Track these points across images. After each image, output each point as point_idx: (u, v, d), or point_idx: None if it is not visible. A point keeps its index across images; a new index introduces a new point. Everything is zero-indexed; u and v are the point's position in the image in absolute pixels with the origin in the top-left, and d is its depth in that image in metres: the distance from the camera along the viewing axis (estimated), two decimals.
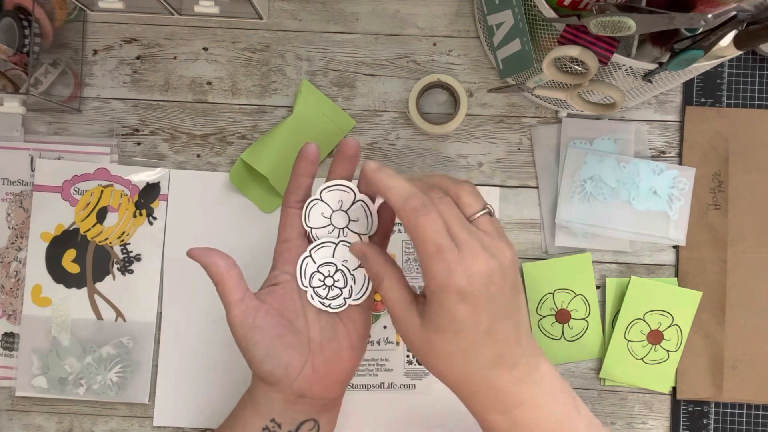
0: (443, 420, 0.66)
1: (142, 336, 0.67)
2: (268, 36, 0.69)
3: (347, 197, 0.52)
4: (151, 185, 0.68)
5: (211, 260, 0.50)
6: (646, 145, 0.68)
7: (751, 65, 0.68)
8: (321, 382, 0.51)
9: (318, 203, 0.51)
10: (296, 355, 0.51)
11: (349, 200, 0.52)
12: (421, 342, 0.45)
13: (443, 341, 0.44)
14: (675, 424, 0.67)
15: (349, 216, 0.52)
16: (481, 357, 0.44)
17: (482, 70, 0.69)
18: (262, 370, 0.50)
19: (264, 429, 0.52)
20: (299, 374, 0.51)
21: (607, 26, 0.48)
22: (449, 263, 0.42)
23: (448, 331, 0.44)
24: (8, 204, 0.68)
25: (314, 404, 0.52)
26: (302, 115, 0.67)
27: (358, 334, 0.52)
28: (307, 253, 0.52)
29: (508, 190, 0.68)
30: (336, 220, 0.52)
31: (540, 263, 0.67)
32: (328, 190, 0.51)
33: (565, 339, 0.67)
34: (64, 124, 0.69)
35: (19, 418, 0.68)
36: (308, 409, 0.52)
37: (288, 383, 0.51)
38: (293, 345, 0.51)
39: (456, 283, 0.42)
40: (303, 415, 0.52)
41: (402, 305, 0.46)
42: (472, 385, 0.45)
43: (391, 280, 0.47)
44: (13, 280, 0.68)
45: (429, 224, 0.43)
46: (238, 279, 0.50)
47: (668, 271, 0.68)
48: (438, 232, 0.43)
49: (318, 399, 0.52)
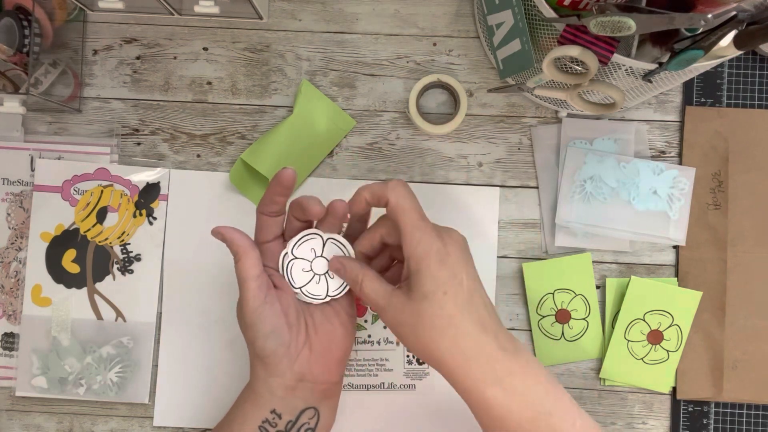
0: (443, 420, 0.66)
1: (142, 336, 0.67)
2: (268, 36, 0.69)
3: (317, 243, 0.55)
4: (151, 185, 0.68)
5: (235, 236, 0.53)
6: (646, 145, 0.68)
7: (751, 65, 0.68)
8: (319, 362, 0.54)
9: (295, 261, 0.55)
10: (297, 335, 0.53)
11: (320, 245, 0.55)
12: (411, 317, 0.48)
13: (432, 307, 0.47)
14: (675, 424, 0.67)
15: (327, 258, 0.55)
16: (468, 321, 0.47)
17: (482, 70, 0.69)
18: (266, 347, 0.52)
19: (264, 421, 0.53)
20: (299, 354, 0.53)
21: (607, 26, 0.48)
22: (427, 232, 0.49)
23: (437, 294, 0.47)
24: (8, 204, 0.68)
25: (314, 390, 0.54)
26: (302, 115, 0.67)
27: (347, 313, 0.56)
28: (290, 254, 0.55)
29: (508, 190, 0.68)
30: (316, 268, 0.55)
31: (540, 263, 0.67)
32: (297, 245, 0.55)
33: (565, 339, 0.67)
34: (64, 124, 0.69)
35: (19, 418, 0.68)
36: (308, 395, 0.54)
37: (289, 363, 0.52)
38: (294, 325, 0.53)
39: (436, 246, 0.48)
40: (303, 402, 0.54)
41: (385, 294, 0.50)
42: (465, 353, 0.47)
43: (370, 278, 0.51)
44: (13, 280, 0.68)
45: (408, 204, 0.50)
46: (257, 257, 0.52)
47: (668, 271, 0.68)
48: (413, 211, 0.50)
49: (318, 382, 0.54)
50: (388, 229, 0.54)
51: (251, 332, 0.52)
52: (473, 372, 0.47)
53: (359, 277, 0.52)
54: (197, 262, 0.68)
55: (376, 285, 0.51)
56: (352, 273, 0.52)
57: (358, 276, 0.52)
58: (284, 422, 0.53)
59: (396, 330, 0.50)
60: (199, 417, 0.67)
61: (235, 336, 0.67)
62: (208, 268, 0.67)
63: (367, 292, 0.51)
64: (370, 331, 0.67)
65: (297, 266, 0.55)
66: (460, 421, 0.66)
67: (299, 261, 0.55)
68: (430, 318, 0.47)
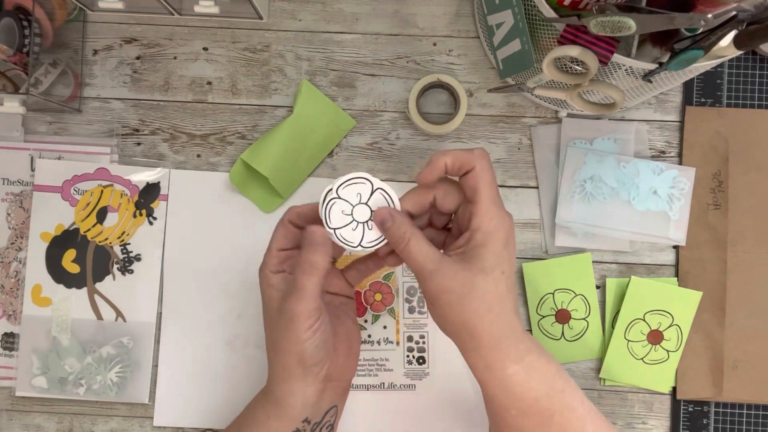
0: (443, 420, 0.66)
1: (142, 336, 0.67)
2: (268, 36, 0.69)
3: (365, 189, 0.51)
4: (151, 185, 0.68)
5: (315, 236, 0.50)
6: (646, 145, 0.68)
7: (751, 65, 0.68)
8: (344, 360, 0.54)
9: (336, 201, 0.50)
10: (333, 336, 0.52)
11: (368, 191, 0.51)
12: (462, 286, 0.46)
13: (488, 283, 0.47)
14: (675, 424, 0.67)
15: (371, 207, 0.51)
16: (510, 302, 0.48)
17: (482, 70, 0.69)
18: (315, 356, 0.50)
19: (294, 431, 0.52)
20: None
21: (607, 26, 0.48)
22: (502, 210, 0.48)
23: (495, 271, 0.47)
24: (8, 204, 0.68)
25: (337, 388, 0.55)
26: (302, 115, 0.67)
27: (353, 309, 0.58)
28: (334, 191, 0.51)
29: (508, 190, 0.68)
30: (357, 214, 0.51)
31: (540, 263, 0.67)
32: (343, 186, 0.51)
33: (565, 339, 0.67)
34: (64, 124, 0.69)
35: (19, 418, 0.67)
36: (332, 394, 0.54)
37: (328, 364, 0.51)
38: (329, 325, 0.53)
39: (506, 225, 0.48)
40: (328, 402, 0.54)
41: (435, 258, 0.47)
42: (501, 330, 0.48)
43: (418, 238, 0.48)
44: (13, 280, 0.68)
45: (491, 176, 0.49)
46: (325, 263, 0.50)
47: (668, 271, 0.68)
48: (493, 184, 0.49)
49: (342, 380, 0.55)
50: (448, 194, 0.50)
51: (300, 346, 0.49)
52: (501, 349, 0.48)
53: (407, 234, 0.48)
54: (197, 262, 0.68)
55: (425, 247, 0.48)
56: (400, 229, 0.48)
57: (405, 233, 0.48)
58: (311, 425, 0.52)
59: (438, 296, 0.47)
60: (199, 417, 0.67)
61: (234, 336, 0.67)
62: (208, 268, 0.68)
63: (413, 252, 0.48)
64: (370, 331, 0.67)
65: (337, 207, 0.50)
66: (459, 420, 0.66)
67: (341, 202, 0.51)
68: (482, 292, 0.46)
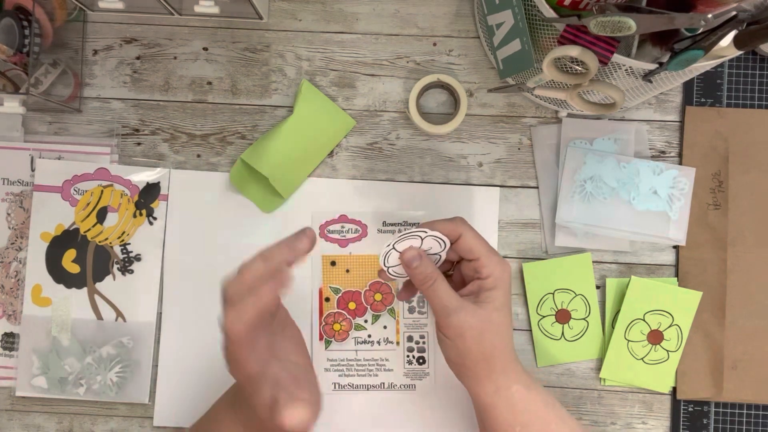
0: (443, 420, 0.66)
1: (142, 336, 0.67)
2: (268, 36, 0.69)
3: (416, 243, 0.57)
4: (151, 185, 0.68)
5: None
6: (646, 145, 0.68)
7: (751, 65, 0.68)
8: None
9: (392, 252, 0.57)
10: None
11: (417, 244, 0.57)
12: (481, 322, 0.55)
13: (501, 317, 0.56)
14: (675, 424, 0.67)
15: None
16: (511, 331, 0.57)
17: (482, 70, 0.69)
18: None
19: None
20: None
21: (607, 26, 0.48)
22: (499, 257, 0.57)
23: (506, 307, 0.56)
24: (8, 204, 0.68)
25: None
26: (302, 115, 0.67)
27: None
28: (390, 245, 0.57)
29: (508, 190, 0.68)
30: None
31: (540, 263, 0.67)
32: (399, 240, 0.56)
33: (565, 339, 0.67)
34: (64, 124, 0.69)
35: (19, 418, 0.68)
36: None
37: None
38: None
39: (508, 270, 0.57)
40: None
41: (456, 299, 0.56)
42: (510, 355, 0.57)
43: (442, 280, 0.56)
44: (13, 280, 0.68)
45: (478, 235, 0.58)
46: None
47: (668, 271, 0.68)
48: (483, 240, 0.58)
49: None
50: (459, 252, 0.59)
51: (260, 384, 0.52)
52: (509, 370, 0.56)
53: (434, 275, 0.56)
54: (197, 262, 0.68)
55: (448, 288, 0.56)
56: (427, 269, 0.56)
57: (432, 274, 0.56)
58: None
59: (458, 332, 0.54)
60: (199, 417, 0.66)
61: None
62: (208, 268, 0.67)
63: (439, 291, 0.55)
64: (370, 331, 0.67)
65: (393, 256, 0.57)
66: (459, 421, 0.66)
67: (395, 252, 0.57)
68: (497, 325, 0.55)
